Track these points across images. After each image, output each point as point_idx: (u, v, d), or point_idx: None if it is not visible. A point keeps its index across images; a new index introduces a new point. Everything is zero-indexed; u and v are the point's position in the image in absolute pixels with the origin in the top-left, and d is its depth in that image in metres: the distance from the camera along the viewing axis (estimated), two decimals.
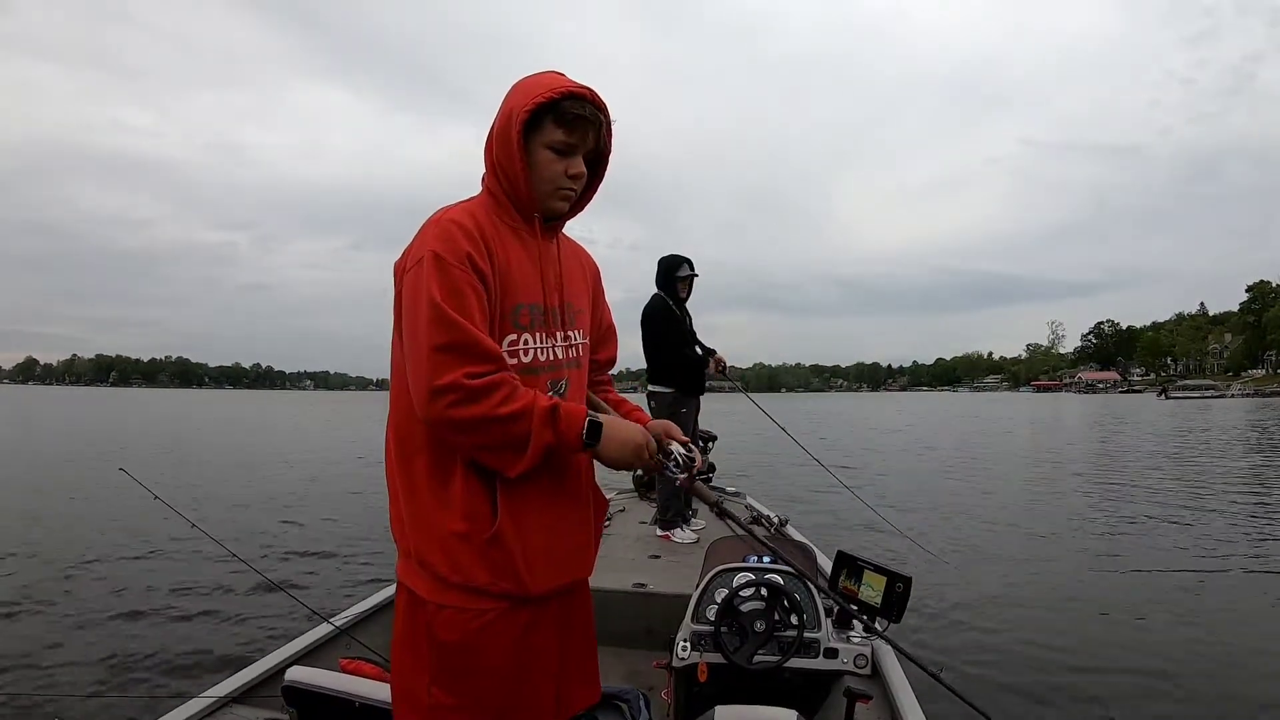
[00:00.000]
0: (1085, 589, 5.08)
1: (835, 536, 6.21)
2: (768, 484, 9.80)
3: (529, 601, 1.17)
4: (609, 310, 1.45)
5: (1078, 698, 3.38)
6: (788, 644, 2.02)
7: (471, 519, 1.12)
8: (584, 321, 1.31)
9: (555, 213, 1.23)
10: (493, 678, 1.16)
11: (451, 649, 1.14)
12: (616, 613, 2.89)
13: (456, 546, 1.12)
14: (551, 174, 1.17)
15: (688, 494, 1.22)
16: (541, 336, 1.20)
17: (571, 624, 1.29)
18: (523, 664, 1.18)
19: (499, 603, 1.15)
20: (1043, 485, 10.55)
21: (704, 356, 4.30)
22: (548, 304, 1.21)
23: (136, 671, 3.70)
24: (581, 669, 1.31)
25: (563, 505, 1.23)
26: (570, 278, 1.29)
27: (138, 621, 4.47)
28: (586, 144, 1.18)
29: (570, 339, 1.25)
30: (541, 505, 1.18)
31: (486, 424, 1.04)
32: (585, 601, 1.35)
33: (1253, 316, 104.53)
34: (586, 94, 1.15)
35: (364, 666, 1.97)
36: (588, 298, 1.34)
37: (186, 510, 2.59)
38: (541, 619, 1.21)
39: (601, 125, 1.18)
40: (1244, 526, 7.26)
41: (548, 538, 1.19)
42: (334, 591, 5.03)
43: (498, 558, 1.13)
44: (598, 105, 1.17)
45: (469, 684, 1.15)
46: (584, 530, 1.29)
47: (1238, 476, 11.21)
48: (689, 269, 4.24)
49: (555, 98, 1.13)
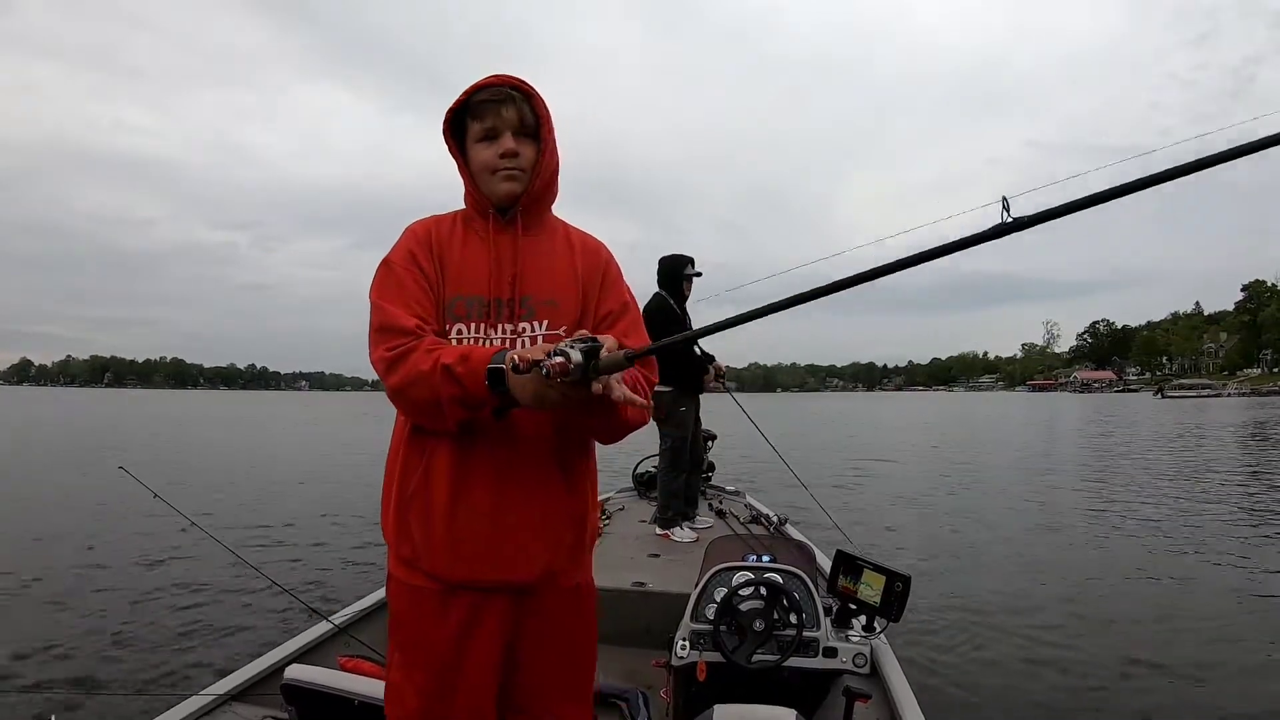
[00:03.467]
0: (1085, 591, 5.09)
1: (835, 536, 6.21)
2: (768, 485, 9.79)
3: (458, 589, 1.18)
4: (615, 297, 1.32)
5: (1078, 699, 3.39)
6: (787, 643, 2.02)
7: (402, 489, 1.21)
8: (555, 314, 1.24)
9: (507, 196, 1.23)
10: (428, 654, 1.20)
11: (395, 616, 1.26)
12: (615, 611, 2.89)
13: (394, 516, 1.22)
14: (483, 160, 1.22)
15: (594, 374, 0.95)
16: (478, 328, 1.21)
17: (530, 643, 1.23)
18: (456, 657, 1.18)
19: (430, 583, 1.19)
20: (1043, 484, 10.58)
21: (704, 359, 4.30)
22: (493, 296, 1.21)
23: (135, 669, 3.70)
24: (541, 694, 1.25)
25: (486, 489, 1.17)
26: (540, 270, 1.25)
27: (136, 619, 4.46)
28: (508, 122, 1.20)
29: (521, 330, 1.22)
30: (465, 485, 1.16)
31: (404, 388, 1.12)
32: (560, 618, 1.26)
33: (1248, 316, 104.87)
34: (491, 81, 1.21)
35: (363, 665, 1.97)
36: (573, 289, 1.27)
37: (185, 508, 2.58)
38: (477, 618, 1.18)
39: (516, 98, 1.21)
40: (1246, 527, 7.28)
41: (466, 519, 1.16)
42: (333, 590, 5.02)
43: (412, 529, 1.19)
44: (510, 82, 1.21)
45: (409, 655, 1.22)
46: (525, 526, 1.19)
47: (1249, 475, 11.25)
48: (693, 268, 4.25)
49: (465, 99, 1.22)
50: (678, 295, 4.20)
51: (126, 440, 19.73)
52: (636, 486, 5.50)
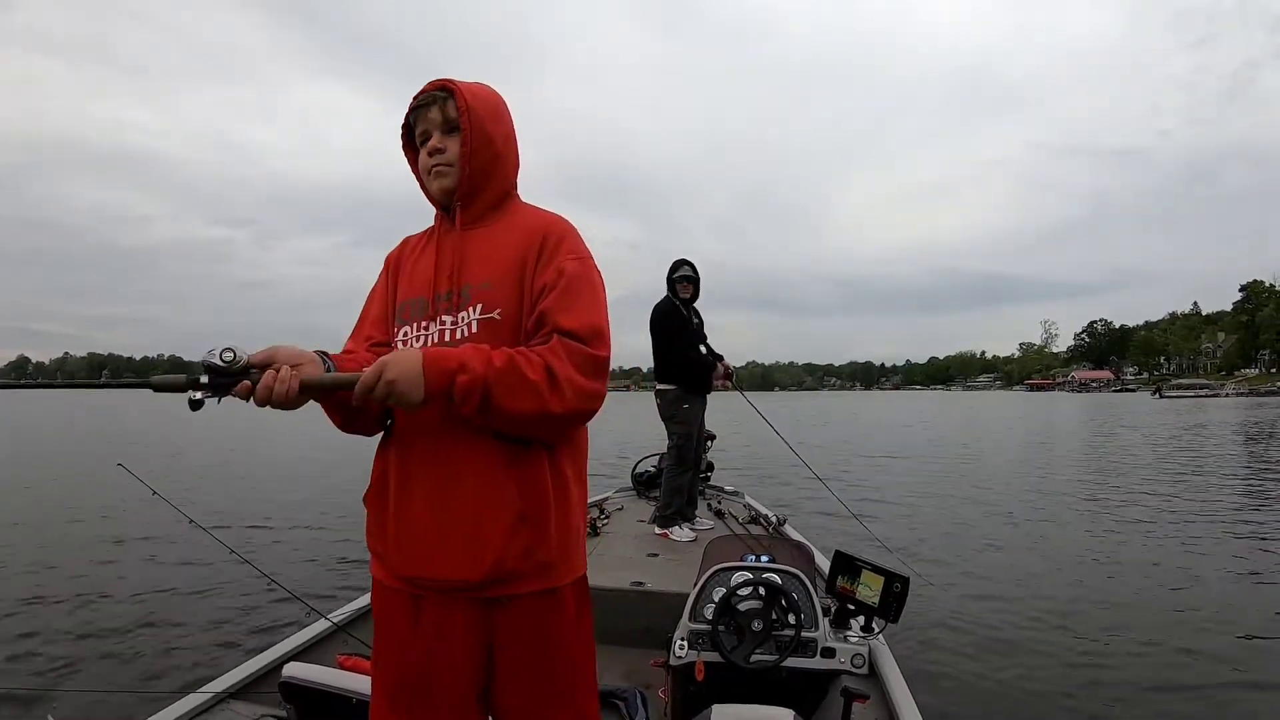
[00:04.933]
0: (1085, 590, 5.09)
1: (835, 536, 6.23)
2: (767, 484, 9.81)
3: (419, 588, 1.19)
4: (552, 267, 1.21)
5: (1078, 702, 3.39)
6: (785, 643, 2.03)
7: (370, 489, 1.27)
8: (490, 296, 1.21)
9: (442, 192, 1.27)
10: (401, 657, 1.21)
11: (374, 617, 1.29)
12: (614, 611, 2.89)
13: (368, 514, 1.27)
14: (421, 164, 1.28)
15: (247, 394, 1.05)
16: (419, 325, 1.25)
17: (508, 646, 1.19)
18: (420, 656, 1.19)
19: (398, 583, 1.21)
20: (1043, 483, 10.59)
21: (710, 358, 4.31)
22: (433, 293, 1.24)
23: (134, 667, 3.70)
24: (525, 699, 1.21)
25: (431, 488, 1.16)
26: (481, 258, 1.24)
27: (135, 617, 4.45)
28: (434, 122, 1.24)
29: (460, 320, 1.21)
30: (412, 484, 1.19)
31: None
32: (534, 622, 1.20)
33: (1246, 316, 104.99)
34: (423, 89, 1.25)
35: (361, 663, 1.98)
36: (510, 269, 1.22)
37: (184, 506, 2.58)
38: (444, 618, 1.18)
39: (439, 98, 1.23)
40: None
41: (408, 514, 1.18)
42: (332, 588, 5.01)
43: (377, 531, 1.24)
44: (433, 88, 1.24)
45: (384, 656, 1.25)
46: (464, 525, 1.14)
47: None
48: (688, 270, 4.27)
49: (407, 114, 1.28)
50: (679, 297, 4.28)
51: (125, 437, 19.70)
52: (635, 486, 5.50)
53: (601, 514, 4.60)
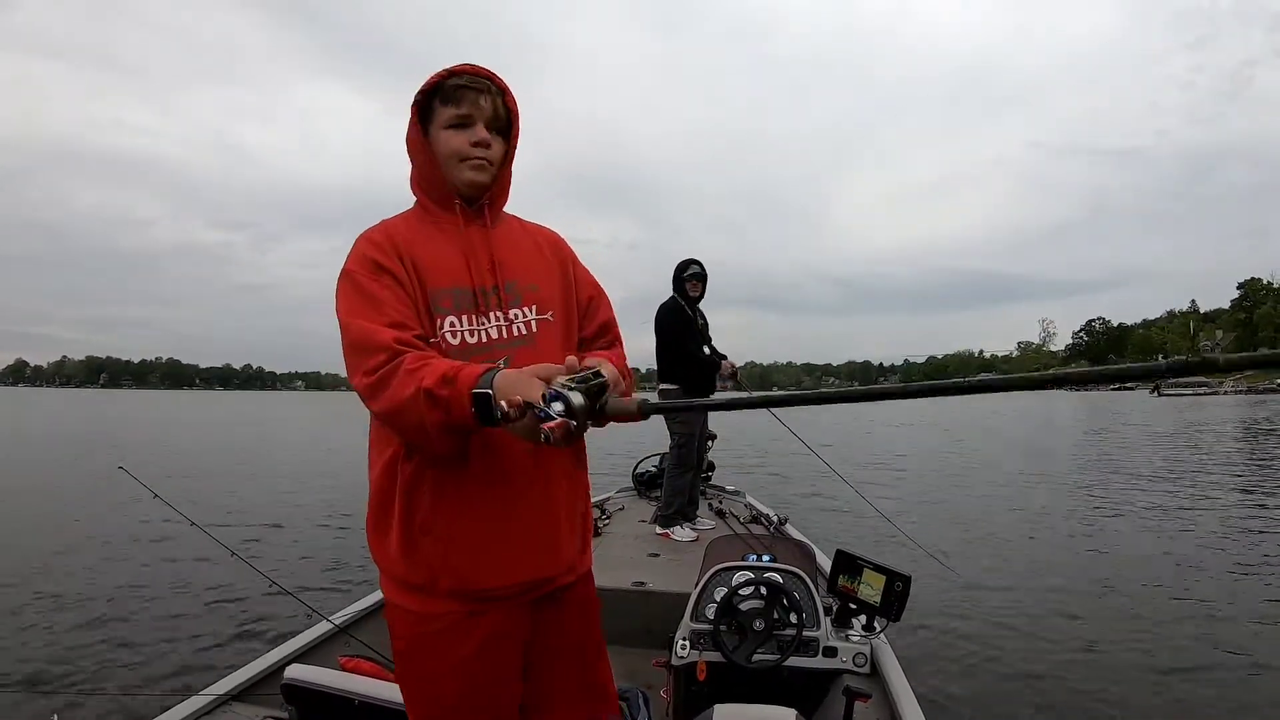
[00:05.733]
0: (1086, 590, 5.09)
1: (835, 536, 6.22)
2: (765, 482, 9.81)
3: (482, 602, 1.15)
4: (591, 282, 1.38)
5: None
6: (786, 643, 2.03)
7: (411, 512, 1.13)
8: (542, 298, 1.25)
9: (474, 186, 1.21)
10: (442, 684, 1.16)
11: (403, 651, 1.18)
12: (615, 611, 2.89)
13: (400, 542, 1.14)
14: (453, 147, 1.19)
15: (605, 419, 0.99)
16: (470, 319, 1.18)
17: (549, 638, 1.23)
18: (474, 675, 1.16)
19: (450, 605, 1.14)
20: (1042, 482, 10.60)
21: (714, 358, 4.31)
22: (477, 286, 1.19)
23: (136, 669, 3.70)
24: (565, 692, 1.25)
25: (512, 492, 1.16)
26: (515, 257, 1.26)
27: (137, 619, 4.46)
28: (483, 112, 1.19)
29: (514, 318, 1.21)
30: (483, 492, 1.13)
31: (390, 416, 1.06)
32: (571, 615, 1.26)
33: (1244, 314, 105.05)
34: (467, 69, 1.19)
35: (363, 665, 1.97)
36: (550, 274, 1.29)
37: (185, 508, 2.58)
38: (502, 628, 1.17)
39: (492, 91, 1.20)
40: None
41: (492, 526, 1.14)
42: (333, 590, 5.01)
43: (432, 549, 1.12)
44: (484, 74, 1.20)
45: (421, 687, 1.18)
46: (543, 522, 1.19)
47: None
48: (697, 268, 4.30)
49: (439, 81, 1.18)
50: (686, 297, 4.30)
51: (124, 441, 19.68)
52: (636, 486, 5.50)
53: (603, 514, 4.60)
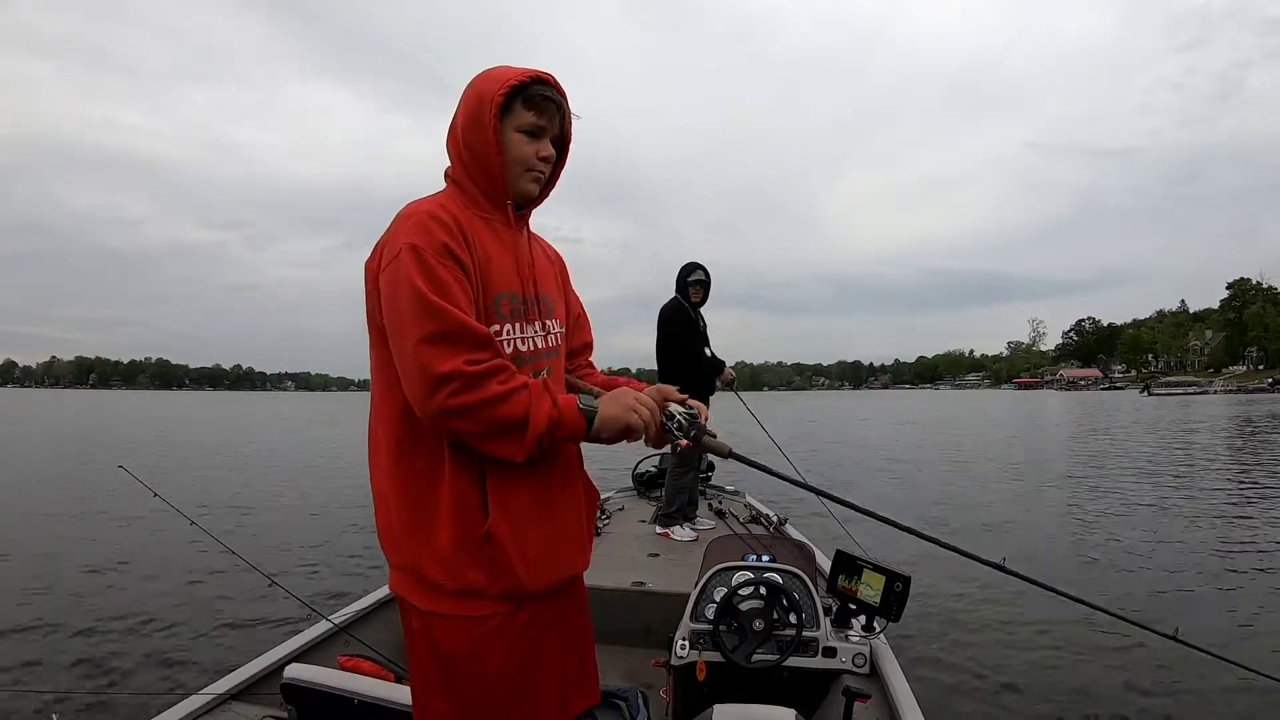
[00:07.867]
0: (1087, 590, 5.12)
1: (835, 535, 6.22)
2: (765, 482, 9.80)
3: (527, 600, 1.17)
4: (578, 299, 1.46)
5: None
6: (786, 643, 2.04)
7: (464, 519, 1.10)
8: (559, 311, 1.33)
9: (526, 196, 1.23)
10: (496, 684, 1.15)
11: (453, 658, 1.14)
12: (615, 611, 2.90)
13: (451, 549, 1.10)
14: (522, 155, 1.18)
15: (701, 450, 1.20)
16: (521, 326, 1.20)
17: (567, 625, 1.27)
18: (525, 668, 1.17)
19: (499, 605, 1.14)
20: (1040, 481, 10.65)
21: (714, 362, 4.33)
22: (525, 293, 1.21)
23: (135, 668, 3.69)
24: (580, 671, 1.30)
25: (554, 496, 1.21)
26: (541, 268, 1.30)
27: (137, 618, 4.44)
28: (553, 128, 1.20)
29: (549, 328, 1.26)
30: (533, 497, 1.16)
31: (490, 408, 1.03)
32: (581, 602, 1.34)
33: (1233, 313, 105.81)
34: (551, 79, 1.19)
35: (363, 664, 1.98)
36: (558, 288, 1.36)
37: (185, 507, 2.57)
38: (539, 619, 1.20)
39: (563, 109, 1.21)
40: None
41: (542, 530, 1.18)
42: (333, 589, 5.01)
43: (493, 556, 1.11)
44: (560, 91, 1.20)
45: (472, 692, 1.15)
46: (577, 523, 1.27)
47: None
48: (701, 273, 4.32)
49: (526, 81, 1.16)
50: (688, 299, 4.32)
51: (120, 441, 19.55)
52: (636, 486, 5.51)
53: (602, 514, 4.60)
